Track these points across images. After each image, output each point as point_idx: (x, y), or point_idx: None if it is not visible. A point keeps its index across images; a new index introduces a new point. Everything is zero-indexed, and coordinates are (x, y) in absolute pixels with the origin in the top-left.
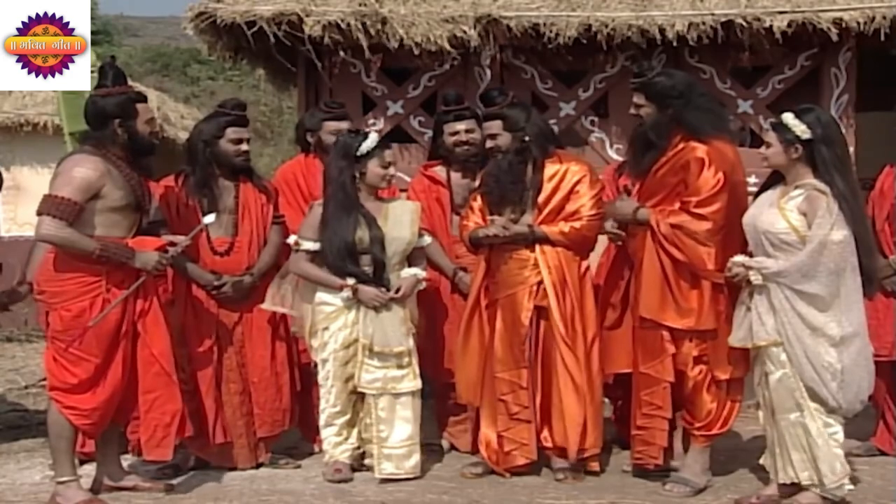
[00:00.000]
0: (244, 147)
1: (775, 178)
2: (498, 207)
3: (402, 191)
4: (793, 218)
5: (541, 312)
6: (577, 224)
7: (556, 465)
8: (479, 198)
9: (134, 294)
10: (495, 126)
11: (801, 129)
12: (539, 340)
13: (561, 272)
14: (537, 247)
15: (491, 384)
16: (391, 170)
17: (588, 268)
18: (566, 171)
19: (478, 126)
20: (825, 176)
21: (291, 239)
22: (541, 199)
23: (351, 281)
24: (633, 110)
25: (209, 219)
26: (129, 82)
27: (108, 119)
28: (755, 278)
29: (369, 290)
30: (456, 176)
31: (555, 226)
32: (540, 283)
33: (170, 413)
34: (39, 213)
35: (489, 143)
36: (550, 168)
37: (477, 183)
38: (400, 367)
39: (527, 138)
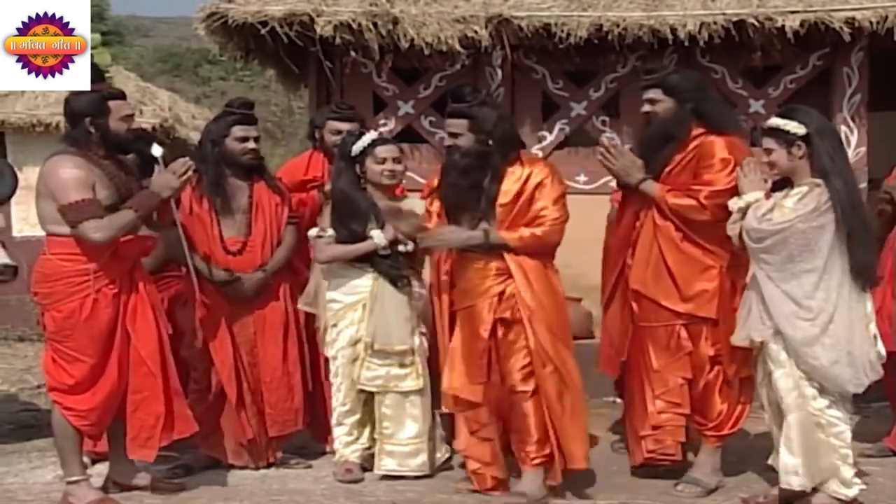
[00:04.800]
0: (250, 145)
1: (783, 184)
2: (454, 213)
3: (414, 191)
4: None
5: (504, 325)
6: (538, 230)
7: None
8: (435, 201)
9: (126, 293)
10: (459, 125)
11: (793, 125)
12: (499, 354)
13: (532, 281)
14: (506, 255)
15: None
16: (388, 165)
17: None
18: (530, 175)
19: None
20: (822, 166)
21: (313, 232)
22: (502, 204)
23: (375, 232)
24: (646, 107)
25: (157, 151)
26: (141, 83)
27: (80, 118)
28: (746, 200)
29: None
30: None
31: (514, 231)
32: (502, 293)
33: (154, 415)
34: (74, 226)
35: (448, 142)
36: (513, 172)
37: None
38: (402, 365)
39: (490, 142)
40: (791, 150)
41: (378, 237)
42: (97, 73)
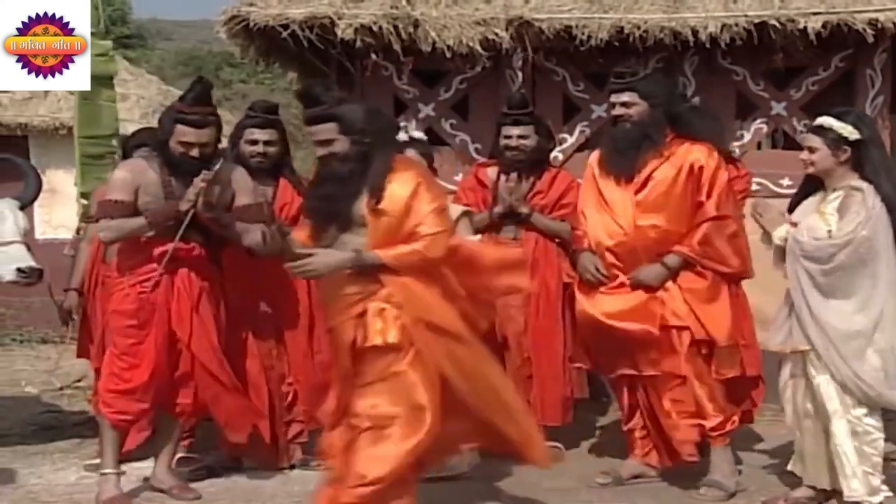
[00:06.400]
0: (258, 149)
1: (812, 186)
2: (324, 225)
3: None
4: (832, 221)
5: (370, 352)
6: (417, 246)
7: None
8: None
9: (164, 297)
10: (327, 130)
11: (847, 130)
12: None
13: (428, 305)
14: (387, 276)
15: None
16: None
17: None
18: (399, 181)
19: (534, 133)
20: (872, 176)
21: None
22: (377, 214)
23: None
24: (619, 110)
25: (217, 165)
26: (163, 86)
27: (158, 130)
28: (779, 235)
29: None
30: (502, 179)
31: (391, 249)
32: (364, 313)
33: (235, 405)
34: (95, 221)
35: (321, 152)
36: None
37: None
38: None
39: (368, 140)
40: (837, 152)
41: None
42: (201, 97)
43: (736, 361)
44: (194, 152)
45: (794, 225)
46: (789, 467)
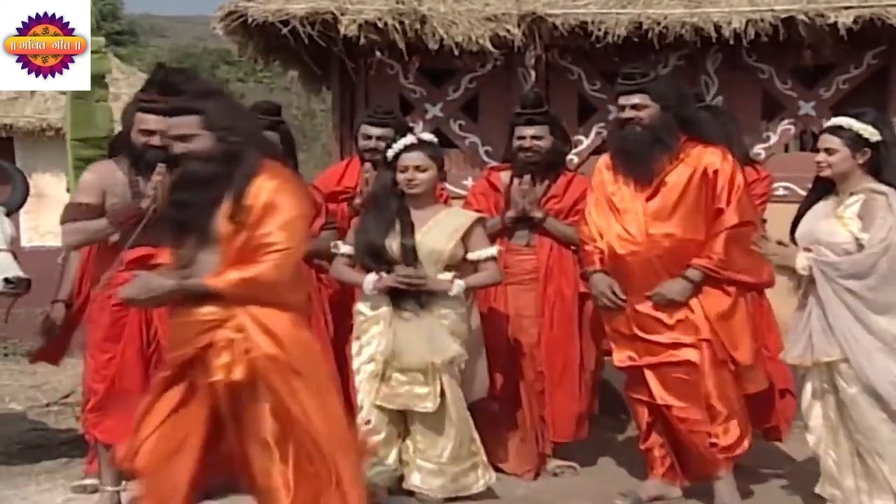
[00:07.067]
0: None
1: (823, 189)
2: (180, 239)
3: (453, 198)
4: (853, 226)
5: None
6: (249, 272)
7: None
8: None
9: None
10: (187, 124)
11: (869, 131)
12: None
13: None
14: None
15: None
16: (408, 174)
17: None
18: (260, 188)
19: (549, 133)
20: (894, 179)
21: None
22: (233, 226)
23: (373, 275)
24: (629, 113)
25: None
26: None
27: (122, 124)
28: (802, 265)
29: (392, 275)
30: (515, 182)
31: (220, 275)
32: (211, 346)
33: None
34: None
35: (178, 149)
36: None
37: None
38: (424, 384)
39: (235, 139)
40: (856, 154)
41: (368, 284)
42: (166, 86)
43: (759, 377)
44: (155, 140)
45: (809, 250)
46: (817, 490)
